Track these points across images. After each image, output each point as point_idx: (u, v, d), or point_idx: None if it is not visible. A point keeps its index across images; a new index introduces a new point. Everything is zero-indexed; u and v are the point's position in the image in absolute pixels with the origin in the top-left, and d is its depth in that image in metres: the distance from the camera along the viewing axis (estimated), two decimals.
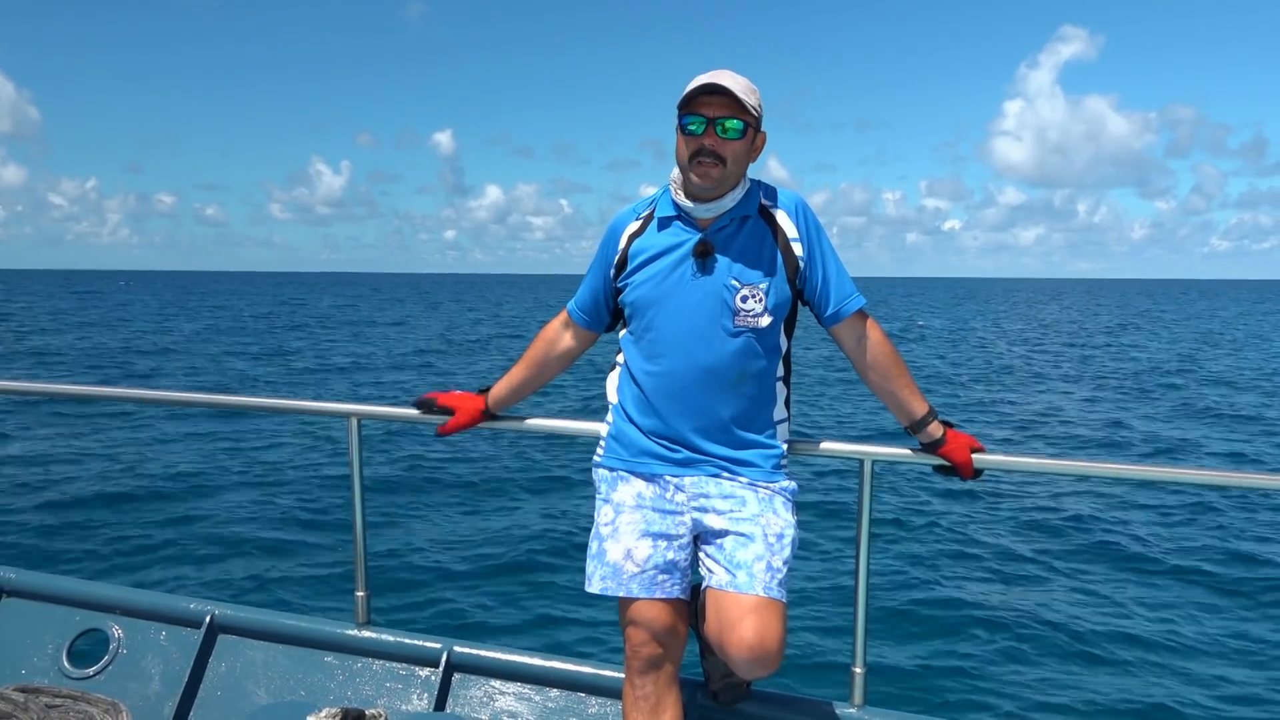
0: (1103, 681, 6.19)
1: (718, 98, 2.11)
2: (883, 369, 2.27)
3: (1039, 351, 34.11)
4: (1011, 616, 7.21)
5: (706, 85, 2.10)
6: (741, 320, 2.17)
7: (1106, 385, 23.29)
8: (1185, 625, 7.11)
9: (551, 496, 10.56)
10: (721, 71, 2.15)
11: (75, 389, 3.63)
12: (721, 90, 2.10)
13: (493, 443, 12.97)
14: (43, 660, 2.89)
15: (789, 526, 2.21)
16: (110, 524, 9.36)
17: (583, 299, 2.42)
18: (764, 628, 2.07)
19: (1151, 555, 8.74)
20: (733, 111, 2.12)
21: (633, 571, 2.19)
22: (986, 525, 9.68)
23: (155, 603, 2.96)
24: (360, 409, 2.82)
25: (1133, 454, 14.35)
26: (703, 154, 2.13)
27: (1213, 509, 10.21)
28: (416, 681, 2.71)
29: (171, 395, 3.67)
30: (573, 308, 2.45)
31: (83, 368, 24.59)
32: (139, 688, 2.79)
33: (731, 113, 2.12)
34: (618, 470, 2.31)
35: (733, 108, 2.12)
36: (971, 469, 2.27)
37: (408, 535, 9.05)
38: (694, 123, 2.13)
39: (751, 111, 2.13)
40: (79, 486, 10.80)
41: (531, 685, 2.65)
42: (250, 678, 2.80)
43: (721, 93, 2.10)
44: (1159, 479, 2.65)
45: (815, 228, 2.26)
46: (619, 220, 2.34)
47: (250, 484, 11.10)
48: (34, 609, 3.01)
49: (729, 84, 2.10)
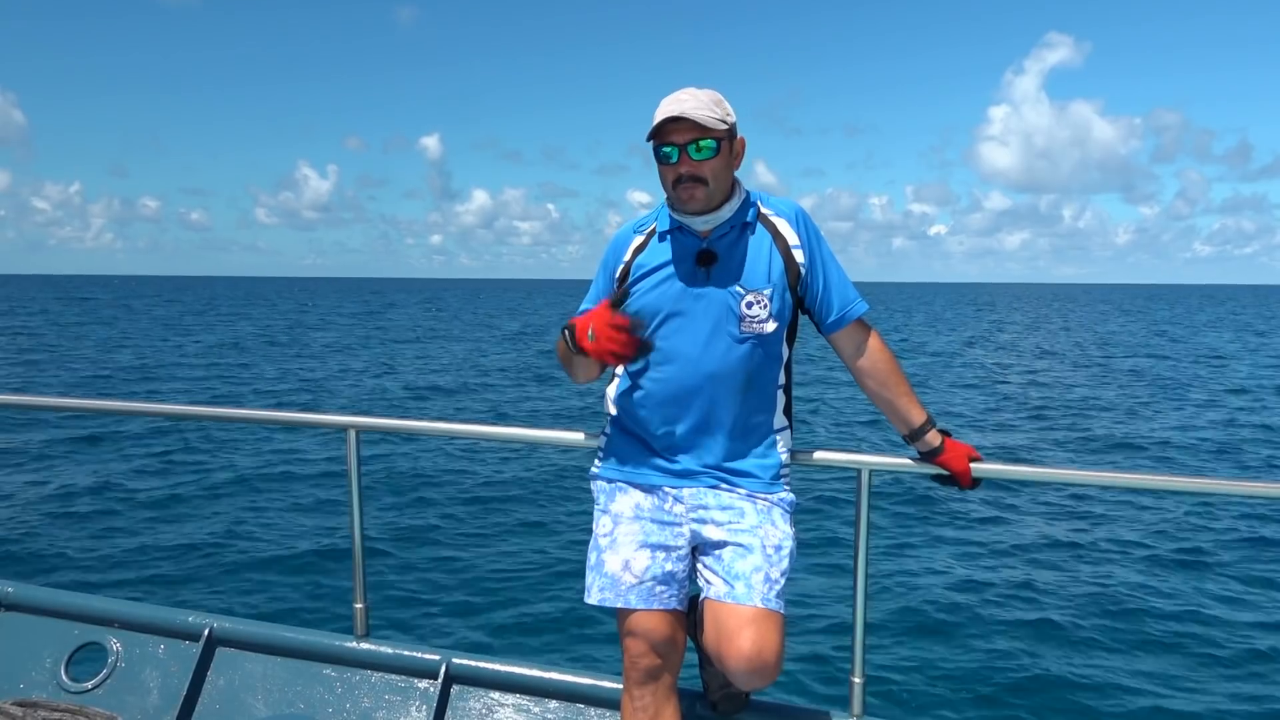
0: (1106, 691, 6.18)
1: (683, 123, 2.12)
2: (881, 377, 2.28)
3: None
4: (1011, 626, 7.21)
5: (669, 115, 2.11)
6: (747, 326, 2.19)
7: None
8: (1189, 632, 7.11)
9: (549, 507, 10.55)
10: (681, 93, 2.16)
11: (71, 402, 3.63)
12: (684, 117, 2.11)
13: (490, 454, 12.98)
14: (41, 674, 2.88)
15: (787, 538, 2.22)
16: (109, 537, 9.34)
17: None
18: (762, 639, 2.08)
19: (1152, 562, 8.74)
20: (700, 133, 2.12)
21: (631, 582, 2.19)
22: (986, 535, 9.68)
23: (154, 616, 2.96)
24: (359, 421, 2.83)
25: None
26: (682, 180, 2.15)
27: (1215, 514, 10.21)
28: (415, 693, 2.71)
29: (169, 409, 3.69)
30: None
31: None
32: (138, 701, 2.79)
33: (699, 134, 2.12)
34: (616, 481, 2.32)
35: (699, 130, 2.12)
36: (970, 478, 2.28)
37: (407, 547, 9.04)
38: (666, 152, 2.15)
39: (719, 126, 2.14)
40: (77, 499, 10.77)
41: (530, 696, 2.65)
42: (249, 690, 2.79)
43: (685, 119, 2.11)
44: (1155, 487, 2.66)
45: (815, 235, 2.28)
46: (622, 235, 2.36)
47: (248, 495, 11.09)
48: (33, 622, 3.01)
49: (689, 110, 2.11)
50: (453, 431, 3.04)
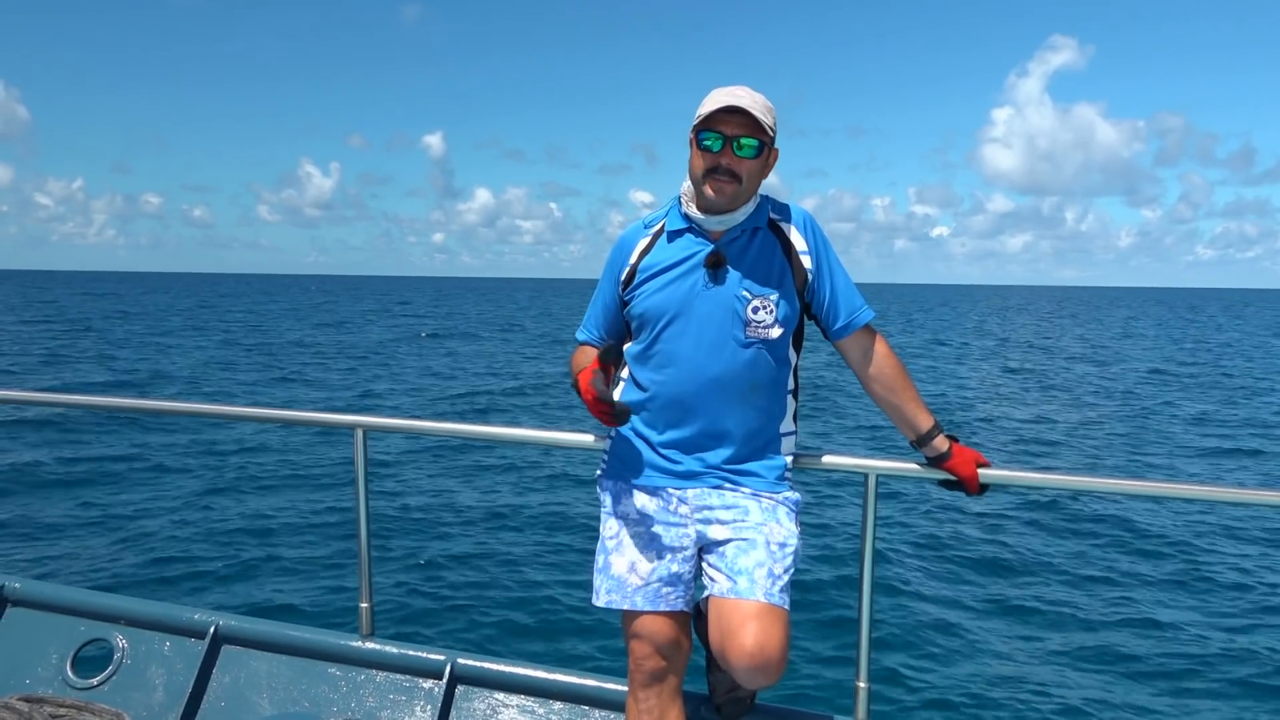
0: (1114, 700, 6.15)
1: (737, 116, 2.13)
2: (889, 382, 2.28)
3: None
4: (1017, 632, 7.18)
5: (727, 105, 2.12)
6: (753, 331, 2.18)
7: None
8: (1204, 642, 7.05)
9: (555, 508, 10.55)
10: (740, 89, 2.16)
11: (79, 399, 3.63)
12: (740, 110, 2.11)
13: (495, 454, 12.98)
14: (47, 670, 2.89)
15: (792, 536, 2.21)
16: (115, 533, 9.37)
17: (594, 318, 2.42)
18: (765, 635, 2.06)
19: (1164, 570, 8.70)
20: (750, 131, 2.13)
21: (636, 584, 2.19)
22: (992, 540, 9.64)
23: (159, 613, 2.96)
24: (366, 420, 2.83)
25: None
26: (718, 171, 2.15)
27: (1222, 522, 10.16)
28: (420, 693, 2.71)
29: (176, 406, 3.70)
30: (584, 336, 2.44)
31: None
32: (143, 698, 2.79)
33: (749, 132, 2.13)
34: (621, 484, 2.31)
35: (750, 127, 2.13)
36: (977, 484, 2.26)
37: (413, 546, 9.04)
38: (711, 139, 2.14)
39: (768, 131, 2.15)
40: (84, 496, 10.82)
41: (535, 698, 2.65)
42: (254, 689, 2.80)
43: (740, 112, 2.12)
44: (1165, 495, 2.64)
45: (823, 242, 2.28)
46: (628, 236, 2.35)
47: (255, 494, 11.11)
48: (38, 619, 3.02)
49: (748, 104, 2.11)
50: (460, 432, 3.04)
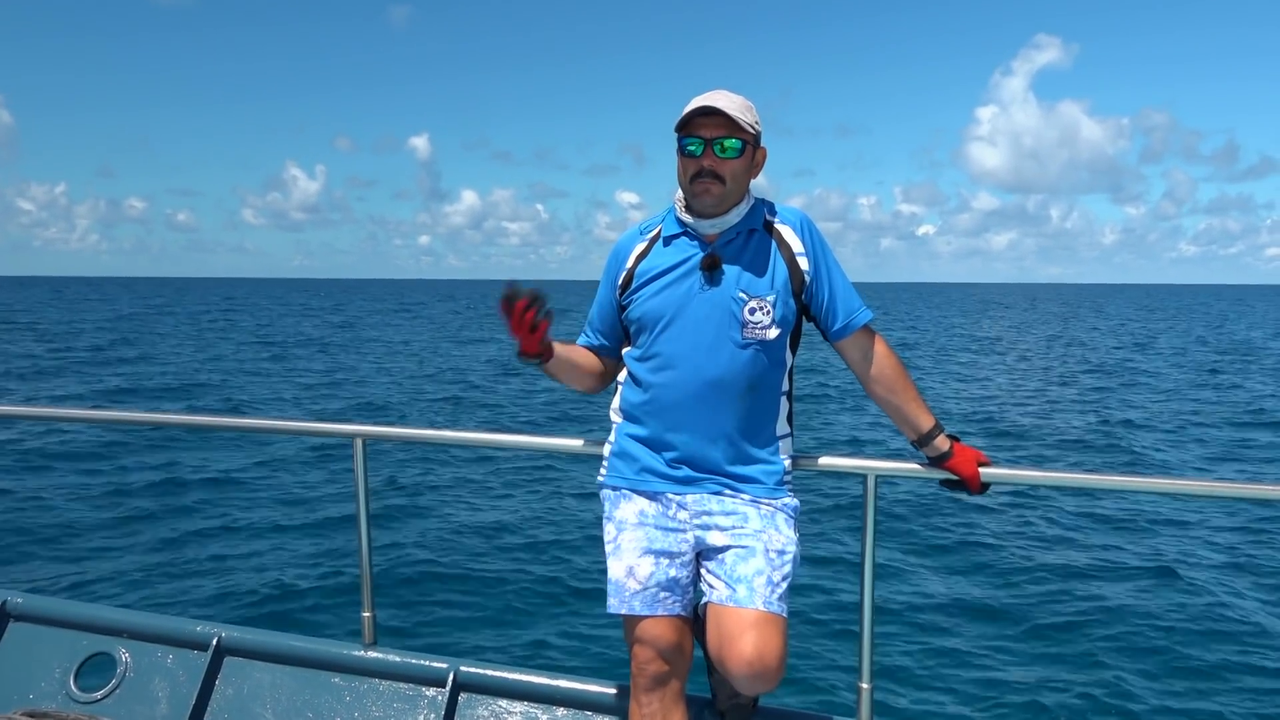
0: (1117, 700, 6.14)
1: (714, 118, 2.15)
2: (889, 383, 2.28)
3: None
4: (1020, 633, 7.17)
5: (701, 108, 2.15)
6: (750, 332, 2.19)
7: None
8: (1209, 640, 7.04)
9: (558, 514, 10.54)
10: (717, 92, 2.19)
11: (79, 413, 3.64)
12: (716, 111, 2.14)
13: (496, 461, 12.97)
14: (50, 684, 2.89)
15: (791, 543, 2.22)
16: (117, 546, 9.36)
17: (591, 323, 2.44)
18: (764, 643, 2.07)
19: (1167, 567, 8.68)
20: (729, 131, 2.16)
21: (635, 589, 2.20)
22: (994, 539, 9.63)
23: (162, 625, 2.97)
24: (366, 429, 2.84)
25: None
26: (702, 174, 2.18)
27: (1229, 519, 10.16)
28: (423, 702, 2.71)
29: (176, 418, 3.68)
30: (584, 340, 2.45)
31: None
32: (146, 711, 2.80)
33: (728, 132, 2.16)
34: (620, 489, 2.32)
35: (729, 127, 2.16)
36: (979, 483, 2.26)
37: (415, 554, 9.03)
38: (692, 144, 2.18)
39: (748, 130, 2.17)
40: (85, 509, 10.80)
41: (538, 704, 2.65)
42: (257, 700, 2.80)
43: (716, 114, 2.14)
44: (1167, 491, 2.64)
45: (820, 243, 2.29)
46: (624, 242, 2.38)
47: (256, 504, 11.10)
48: (41, 633, 3.02)
49: (723, 105, 2.14)
50: (458, 440, 3.07)
